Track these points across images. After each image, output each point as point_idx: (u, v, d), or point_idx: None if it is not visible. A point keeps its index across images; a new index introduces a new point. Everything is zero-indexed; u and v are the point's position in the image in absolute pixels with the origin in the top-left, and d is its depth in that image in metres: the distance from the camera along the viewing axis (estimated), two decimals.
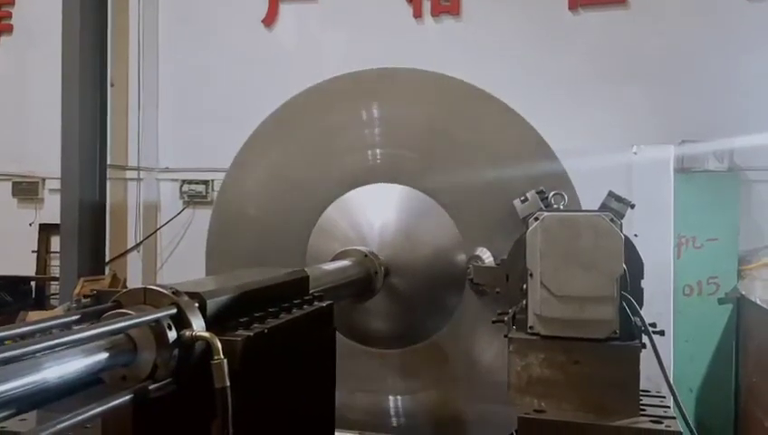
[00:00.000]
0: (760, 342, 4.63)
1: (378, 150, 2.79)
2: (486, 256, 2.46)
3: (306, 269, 1.87)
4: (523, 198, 2.00)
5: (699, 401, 5.00)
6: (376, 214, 2.69)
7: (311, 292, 1.75)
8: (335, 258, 2.47)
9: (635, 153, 4.72)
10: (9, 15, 7.36)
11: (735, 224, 5.07)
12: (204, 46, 6.75)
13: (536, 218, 1.79)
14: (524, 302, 1.81)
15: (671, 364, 4.33)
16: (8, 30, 7.35)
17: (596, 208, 1.89)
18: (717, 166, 5.14)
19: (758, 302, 4.66)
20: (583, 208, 2.14)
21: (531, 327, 1.77)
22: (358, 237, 2.62)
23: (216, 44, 6.70)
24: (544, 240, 1.76)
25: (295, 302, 1.58)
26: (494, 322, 2.03)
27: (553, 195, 2.07)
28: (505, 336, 1.82)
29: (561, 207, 2.06)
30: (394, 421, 2.73)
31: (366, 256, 2.48)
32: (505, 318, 1.95)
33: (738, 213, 5.09)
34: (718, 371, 5.01)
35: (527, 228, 1.82)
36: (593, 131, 5.45)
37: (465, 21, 6.10)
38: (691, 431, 1.76)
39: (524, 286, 1.81)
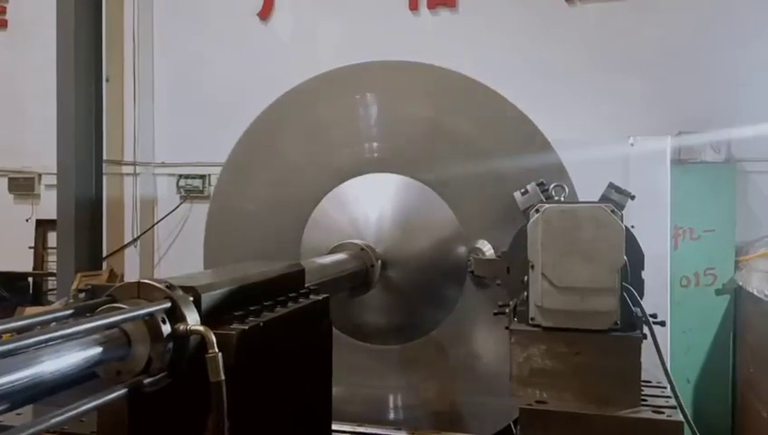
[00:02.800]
0: (757, 332, 4.64)
1: (374, 141, 2.78)
2: (487, 249, 2.46)
3: (302, 263, 1.87)
4: (523, 190, 1.99)
5: (697, 392, 5.02)
6: (372, 205, 2.67)
7: (306, 285, 1.75)
8: (331, 252, 2.47)
9: (632, 144, 4.72)
10: (4, 11, 7.33)
11: (732, 215, 5.07)
12: (199, 40, 6.73)
13: (537, 210, 1.79)
14: (525, 293, 1.81)
15: (668, 355, 4.35)
16: (3, 25, 7.32)
17: (595, 200, 1.89)
18: (714, 157, 5.14)
19: (755, 293, 4.67)
20: (583, 200, 2.13)
21: (532, 319, 1.77)
22: (353, 230, 2.61)
23: (211, 38, 6.68)
24: (545, 232, 1.76)
25: (291, 295, 1.58)
26: (495, 313, 2.04)
27: (554, 187, 2.06)
28: (507, 328, 1.82)
29: (562, 198, 2.06)
30: (392, 415, 2.73)
31: (362, 249, 2.47)
32: (507, 310, 1.95)
33: (735, 204, 5.09)
34: (716, 361, 5.03)
35: (528, 220, 1.82)
36: (590, 123, 5.45)
37: (462, 13, 6.08)
38: (688, 422, 1.77)
39: (525, 278, 1.81)
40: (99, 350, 1.05)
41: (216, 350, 1.14)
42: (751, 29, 5.38)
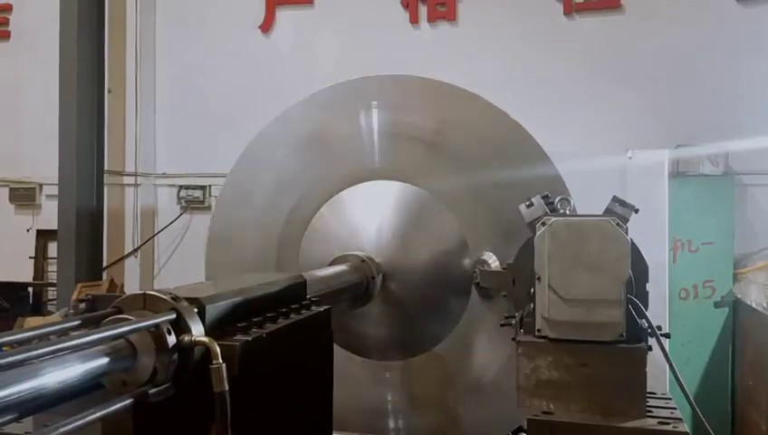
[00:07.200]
0: (756, 345, 4.65)
1: (376, 150, 2.78)
2: (492, 261, 2.46)
3: (303, 274, 1.89)
4: (528, 203, 2.01)
5: (696, 404, 5.00)
6: (373, 213, 2.66)
7: (308, 297, 1.77)
8: (332, 263, 2.47)
9: (630, 158, 4.74)
10: (6, 22, 7.36)
11: (731, 227, 5.08)
12: (201, 52, 6.76)
13: (544, 223, 1.82)
14: (532, 305, 1.83)
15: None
16: (5, 36, 7.34)
17: (599, 213, 1.91)
18: (712, 170, 5.16)
19: (754, 305, 4.68)
20: (588, 213, 2.16)
21: (539, 330, 1.79)
22: (353, 240, 2.60)
23: (212, 50, 6.72)
24: (552, 244, 1.78)
25: (293, 307, 1.59)
26: (501, 325, 2.06)
27: (559, 200, 2.09)
28: (513, 339, 1.84)
29: (568, 212, 2.08)
30: (393, 425, 2.73)
31: (363, 260, 2.47)
32: (513, 321, 1.97)
33: (733, 217, 5.11)
34: (715, 374, 5.02)
35: (534, 233, 1.84)
36: (588, 136, 5.47)
37: (461, 26, 6.13)
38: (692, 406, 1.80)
39: (532, 290, 1.83)
40: (105, 360, 1.07)
41: (220, 361, 1.15)
42: (749, 42, 5.42)
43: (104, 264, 6.78)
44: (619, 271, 1.74)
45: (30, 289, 7.06)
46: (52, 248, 7.01)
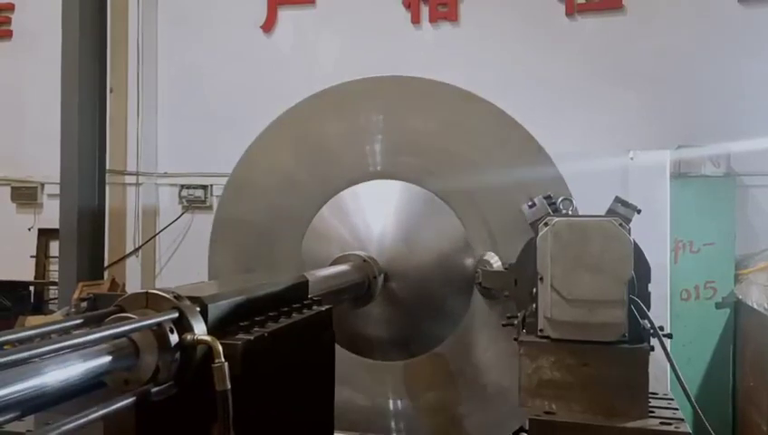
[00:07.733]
0: (757, 346, 4.65)
1: (378, 150, 2.78)
2: (495, 261, 2.46)
3: (305, 274, 1.89)
4: (530, 204, 2.02)
5: (696, 405, 4.99)
6: (375, 213, 2.66)
7: (309, 296, 1.77)
8: (334, 263, 2.47)
9: (631, 158, 4.74)
10: (8, 21, 7.37)
11: (732, 228, 5.08)
12: (203, 52, 6.76)
13: (546, 223, 1.82)
14: (534, 305, 1.84)
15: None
16: (7, 35, 7.35)
17: (601, 213, 1.91)
18: (714, 171, 5.15)
19: (755, 306, 4.68)
20: (590, 213, 2.16)
21: (541, 330, 1.79)
22: (354, 239, 2.61)
23: (214, 49, 6.72)
24: (555, 245, 1.78)
25: (295, 306, 1.60)
26: (504, 325, 2.06)
27: (562, 200, 2.09)
28: (515, 339, 1.84)
29: (570, 212, 2.09)
30: (394, 424, 2.73)
31: (364, 260, 2.47)
32: (515, 322, 1.97)
33: (735, 218, 5.10)
34: (716, 375, 5.01)
35: (536, 233, 1.84)
36: (590, 137, 5.47)
37: (463, 27, 6.13)
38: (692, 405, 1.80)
39: (534, 290, 1.84)
40: (108, 359, 1.07)
41: (223, 359, 1.15)
42: (750, 42, 5.41)
43: (105, 263, 6.78)
44: (622, 271, 1.74)
45: (31, 288, 7.07)
46: (54, 247, 7.02)
